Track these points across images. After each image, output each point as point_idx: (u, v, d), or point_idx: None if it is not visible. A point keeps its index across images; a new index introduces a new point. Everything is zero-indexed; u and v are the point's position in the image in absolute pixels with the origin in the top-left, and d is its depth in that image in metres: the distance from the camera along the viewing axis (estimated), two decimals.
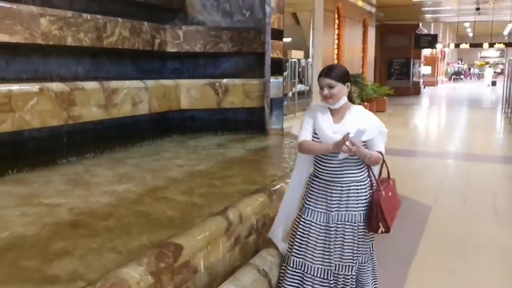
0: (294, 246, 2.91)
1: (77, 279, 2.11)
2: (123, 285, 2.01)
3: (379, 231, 2.78)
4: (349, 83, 2.76)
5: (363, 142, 2.68)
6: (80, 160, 4.83)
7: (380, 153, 2.78)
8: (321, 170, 2.83)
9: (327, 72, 2.73)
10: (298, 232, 2.91)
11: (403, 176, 7.40)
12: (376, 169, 2.87)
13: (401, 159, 8.76)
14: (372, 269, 3.03)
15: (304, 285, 2.86)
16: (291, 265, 2.91)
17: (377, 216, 2.74)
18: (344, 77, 2.74)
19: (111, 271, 2.10)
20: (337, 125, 2.74)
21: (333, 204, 2.80)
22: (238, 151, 5.38)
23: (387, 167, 2.90)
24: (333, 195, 2.80)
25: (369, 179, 2.83)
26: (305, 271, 2.86)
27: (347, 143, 2.54)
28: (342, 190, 2.78)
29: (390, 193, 2.82)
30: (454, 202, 5.97)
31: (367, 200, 2.80)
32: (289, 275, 2.92)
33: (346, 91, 2.74)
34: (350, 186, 2.78)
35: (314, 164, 2.88)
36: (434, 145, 10.99)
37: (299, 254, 2.89)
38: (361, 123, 2.66)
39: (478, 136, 12.14)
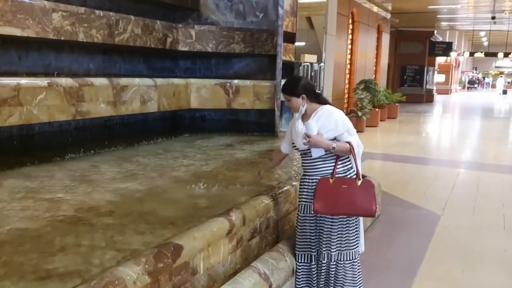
0: (297, 242, 3.13)
1: (73, 275, 2.09)
2: (119, 284, 1.98)
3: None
4: (304, 95, 2.97)
5: (334, 138, 2.91)
6: (87, 156, 4.84)
7: (348, 143, 2.91)
8: (306, 167, 3.05)
9: (283, 88, 3.10)
10: (298, 229, 3.13)
11: (412, 183, 7.33)
12: (355, 162, 2.99)
13: (411, 166, 8.66)
14: (352, 275, 3.05)
15: (312, 276, 3.09)
16: (299, 261, 3.12)
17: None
18: (297, 91, 2.97)
19: (108, 269, 2.07)
20: (303, 126, 2.97)
21: None
22: (246, 153, 5.35)
23: (355, 162, 2.98)
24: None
25: (349, 172, 2.99)
26: (312, 262, 3.08)
27: (305, 137, 2.87)
28: None
29: (345, 186, 2.90)
30: (463, 211, 5.87)
31: None
32: (298, 270, 3.13)
33: (303, 102, 2.98)
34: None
35: (302, 163, 3.10)
36: (445, 154, 10.85)
37: (303, 249, 3.09)
38: (319, 120, 2.91)
39: (490, 145, 11.98)
